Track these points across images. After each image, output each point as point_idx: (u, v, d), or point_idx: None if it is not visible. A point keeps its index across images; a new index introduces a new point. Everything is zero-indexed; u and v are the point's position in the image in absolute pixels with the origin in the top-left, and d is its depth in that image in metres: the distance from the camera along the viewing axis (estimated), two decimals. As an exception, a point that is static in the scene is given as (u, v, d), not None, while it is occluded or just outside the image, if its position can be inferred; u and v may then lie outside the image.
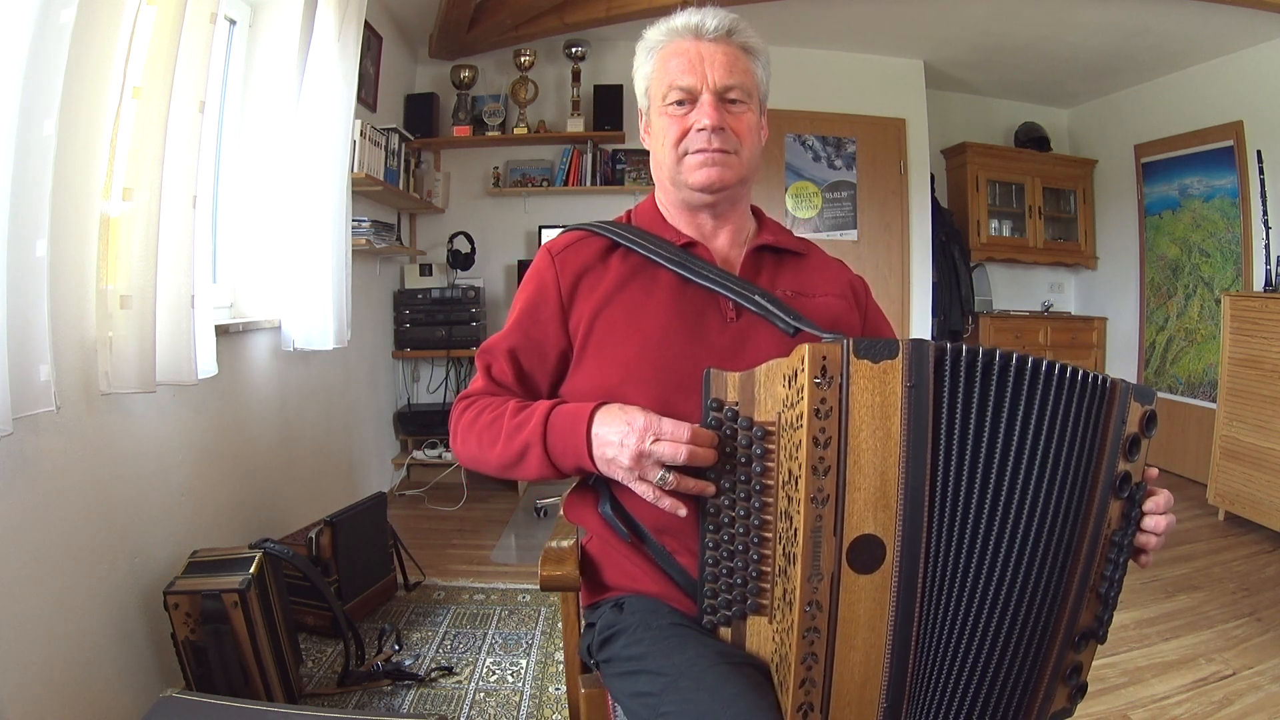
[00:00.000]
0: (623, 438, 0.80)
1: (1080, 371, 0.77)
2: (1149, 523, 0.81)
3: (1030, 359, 0.76)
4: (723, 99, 0.95)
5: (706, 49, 0.96)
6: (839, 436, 0.72)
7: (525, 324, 0.99)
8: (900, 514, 0.73)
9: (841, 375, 0.72)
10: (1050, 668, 0.80)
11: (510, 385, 0.99)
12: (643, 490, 0.80)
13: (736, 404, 0.79)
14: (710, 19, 0.96)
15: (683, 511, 0.79)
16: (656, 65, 1.00)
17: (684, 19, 0.97)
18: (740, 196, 1.03)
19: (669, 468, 0.79)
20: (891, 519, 0.73)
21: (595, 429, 0.83)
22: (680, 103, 0.96)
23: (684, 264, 0.95)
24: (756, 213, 1.10)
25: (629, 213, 1.09)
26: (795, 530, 0.74)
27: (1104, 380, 0.78)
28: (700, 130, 0.95)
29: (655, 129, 1.01)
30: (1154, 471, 0.83)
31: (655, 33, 1.01)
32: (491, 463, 0.93)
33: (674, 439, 0.78)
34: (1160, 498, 0.82)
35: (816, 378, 0.72)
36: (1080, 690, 0.83)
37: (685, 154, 0.97)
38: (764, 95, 1.02)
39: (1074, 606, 0.79)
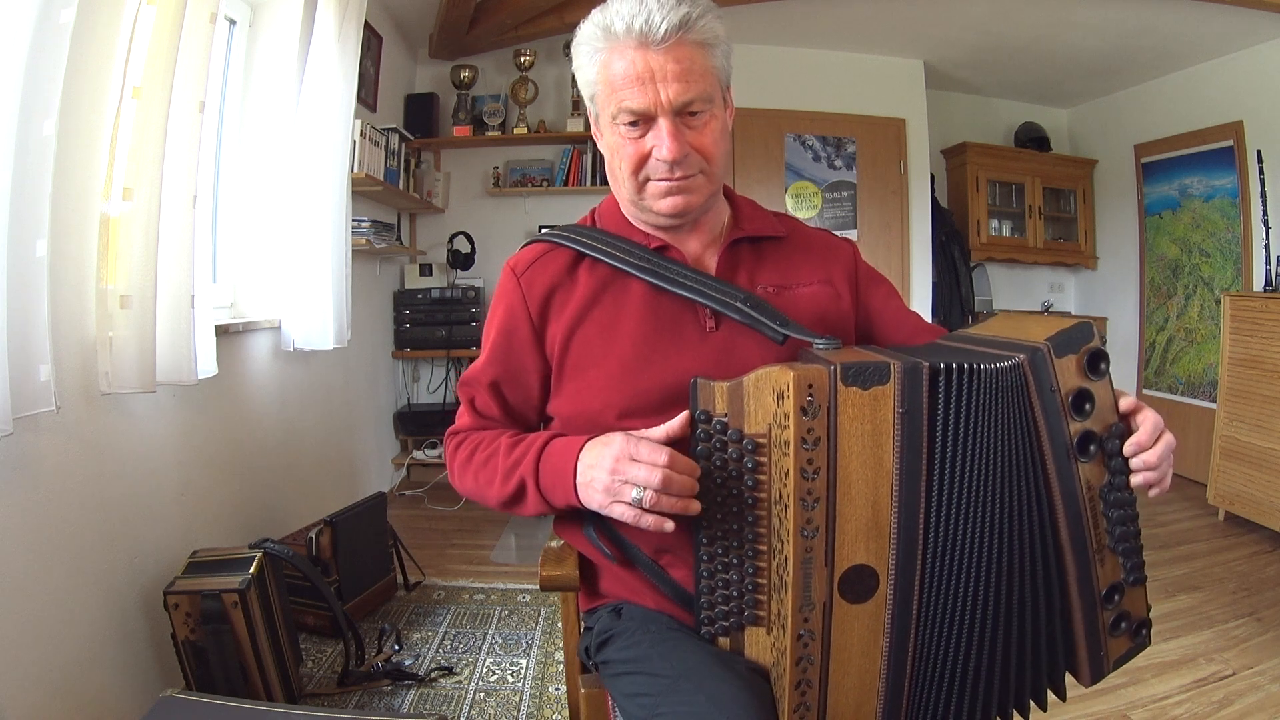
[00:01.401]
0: (598, 463, 0.78)
1: (996, 365, 0.72)
2: (1137, 463, 0.75)
3: (968, 366, 0.71)
4: (681, 114, 0.84)
5: (656, 60, 0.81)
6: (828, 467, 0.70)
7: (501, 353, 0.95)
8: (894, 542, 0.72)
9: (829, 402, 0.70)
10: (1083, 637, 0.78)
11: (497, 418, 0.97)
12: (620, 512, 0.76)
13: (726, 415, 0.76)
14: (658, 16, 0.80)
15: (669, 527, 0.75)
16: (600, 75, 0.86)
17: (625, 19, 0.81)
18: (712, 204, 0.96)
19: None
20: (885, 548, 0.72)
21: (580, 462, 0.81)
22: (634, 123, 0.85)
23: (657, 271, 0.89)
24: (728, 194, 1.02)
25: (593, 212, 1.02)
26: (786, 559, 0.73)
27: (1012, 363, 0.73)
28: (661, 160, 0.85)
29: (609, 142, 0.90)
30: (1127, 400, 0.77)
31: (592, 31, 0.86)
32: (491, 502, 0.91)
33: (650, 461, 0.74)
34: (1142, 432, 0.75)
35: (802, 407, 0.69)
36: (1139, 627, 0.80)
37: (647, 181, 0.88)
38: (726, 81, 0.90)
39: (1082, 579, 0.76)
